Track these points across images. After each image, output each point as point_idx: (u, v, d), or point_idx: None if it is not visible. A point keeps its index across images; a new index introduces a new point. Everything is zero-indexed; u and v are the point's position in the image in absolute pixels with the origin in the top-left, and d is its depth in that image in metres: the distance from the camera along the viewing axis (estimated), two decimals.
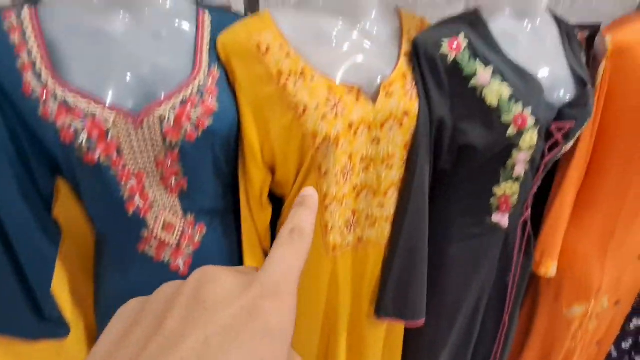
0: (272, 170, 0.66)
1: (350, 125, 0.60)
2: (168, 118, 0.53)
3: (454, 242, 0.76)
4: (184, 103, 0.54)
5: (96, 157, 0.51)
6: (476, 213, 0.74)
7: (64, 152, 0.51)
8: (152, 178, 0.57)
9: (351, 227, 0.69)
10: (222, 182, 0.65)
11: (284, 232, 0.20)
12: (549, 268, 0.85)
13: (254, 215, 0.68)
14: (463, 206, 0.74)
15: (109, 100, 0.51)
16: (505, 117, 0.62)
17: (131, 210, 0.57)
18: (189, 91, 0.54)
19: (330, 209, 0.64)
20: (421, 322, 0.74)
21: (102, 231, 0.61)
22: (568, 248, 0.89)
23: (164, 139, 0.54)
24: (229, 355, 0.15)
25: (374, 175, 0.66)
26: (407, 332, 0.83)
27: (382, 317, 0.72)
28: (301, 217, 0.21)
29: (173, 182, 0.58)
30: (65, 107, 0.48)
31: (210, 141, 0.57)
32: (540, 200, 0.86)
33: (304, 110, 0.57)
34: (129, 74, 0.53)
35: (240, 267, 0.21)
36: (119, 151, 0.52)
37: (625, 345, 1.10)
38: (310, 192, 0.22)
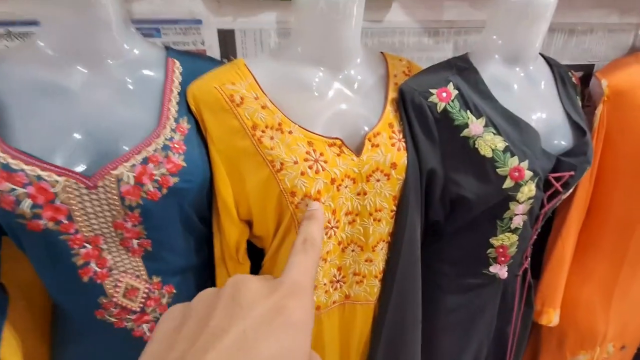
0: (250, 224, 0.59)
1: (332, 181, 0.53)
2: (126, 178, 0.46)
3: (449, 295, 0.69)
4: (145, 162, 0.47)
5: (42, 223, 0.44)
6: (472, 265, 0.67)
7: (6, 218, 0.44)
8: (111, 242, 0.50)
9: (337, 284, 0.62)
10: (194, 237, 0.58)
11: (298, 242, 0.24)
12: (551, 317, 0.78)
13: (229, 272, 0.61)
14: (458, 258, 0.67)
15: (59, 162, 0.45)
16: (502, 170, 0.56)
17: (86, 278, 0.49)
18: (152, 148, 0.48)
19: None
20: None
21: (56, 298, 0.53)
22: (570, 295, 0.81)
23: (122, 201, 0.47)
24: (263, 343, 0.18)
25: (361, 230, 0.59)
26: None
27: None
28: (311, 229, 0.25)
29: (135, 244, 0.51)
30: (6, 172, 0.42)
31: (177, 200, 0.50)
32: (539, 245, 0.79)
33: (281, 166, 0.51)
34: (84, 131, 0.47)
35: (265, 275, 0.23)
36: (70, 216, 0.46)
37: None
38: (316, 207, 0.27)
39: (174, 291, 0.58)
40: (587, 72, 0.78)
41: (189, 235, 0.57)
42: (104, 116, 0.48)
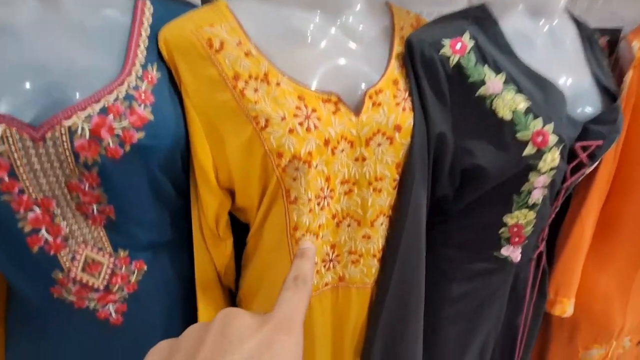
0: (232, 194, 0.52)
1: (326, 142, 0.46)
2: (81, 131, 0.39)
3: (455, 281, 0.61)
4: (104, 112, 0.39)
5: None
6: (483, 247, 0.59)
7: None
8: (65, 206, 0.43)
9: (330, 263, 0.54)
10: (168, 209, 0.51)
11: (289, 279, 0.24)
12: (565, 307, 0.71)
13: (209, 248, 0.53)
14: (467, 239, 0.60)
15: (2, 109, 0.37)
16: (522, 134, 0.48)
17: (35, 247, 0.42)
18: (113, 97, 0.40)
19: (302, 242, 0.50)
20: None
21: (6, 272, 0.46)
22: (586, 284, 0.74)
23: (76, 157, 0.40)
24: None
25: (358, 201, 0.51)
26: None
27: None
28: (303, 266, 0.25)
29: (95, 210, 0.44)
30: None
31: (143, 160, 0.43)
32: (554, 229, 0.72)
33: (267, 123, 0.43)
34: (34, 76, 0.39)
35: (255, 311, 0.23)
36: (12, 172, 0.38)
37: None
38: (308, 245, 0.26)
39: (145, 268, 0.51)
40: (613, 38, 0.70)
41: (160, 206, 0.49)
42: (58, 59, 0.41)
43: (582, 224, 0.67)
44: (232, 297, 0.63)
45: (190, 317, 0.56)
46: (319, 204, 0.49)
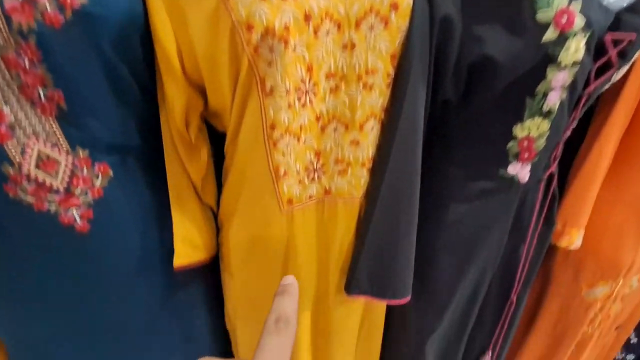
0: (202, 92, 0.46)
1: (307, 17, 0.38)
2: None
3: (453, 203, 0.56)
4: None
5: None
6: (487, 163, 0.53)
7: None
8: (6, 88, 0.37)
9: (314, 173, 0.49)
10: (131, 106, 0.45)
11: (269, 322, 0.21)
12: (573, 238, 0.65)
13: (182, 156, 0.48)
14: (470, 153, 0.53)
15: None
16: (543, 13, 0.40)
17: None
18: None
19: (281, 144, 0.44)
20: (404, 300, 0.55)
21: None
22: (597, 215, 0.68)
23: (8, 22, 0.34)
24: None
25: (346, 101, 0.45)
26: (387, 315, 0.64)
27: (354, 294, 0.54)
28: (284, 306, 0.22)
29: (42, 96, 0.38)
30: None
31: (89, 32, 0.36)
32: (566, 152, 0.65)
33: None
34: None
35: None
36: None
37: None
38: (290, 280, 0.23)
39: (111, 174, 0.46)
40: None
41: (120, 100, 0.43)
42: None
43: (600, 148, 0.60)
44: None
45: (164, 230, 0.52)
46: (299, 99, 0.42)
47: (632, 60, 0.48)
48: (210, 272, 0.61)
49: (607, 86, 0.52)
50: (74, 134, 0.42)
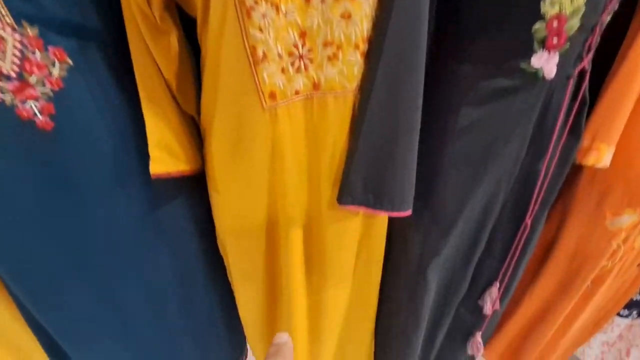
0: None
1: None
2: None
3: (465, 106, 0.48)
4: None
5: None
6: (507, 54, 0.45)
7: None
8: None
9: (300, 62, 0.42)
10: None
11: None
12: (601, 155, 0.57)
13: (148, 42, 0.42)
14: (485, 44, 0.45)
15: None
16: None
17: None
18: None
19: (255, 15, 0.37)
20: (404, 213, 0.49)
21: None
22: (630, 135, 0.59)
23: None
24: None
25: None
26: (387, 237, 0.59)
27: (347, 204, 0.48)
28: None
29: None
30: None
31: None
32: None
33: None
34: None
35: None
36: None
37: None
38: (284, 339, 0.21)
39: (70, 62, 0.41)
40: None
41: None
42: None
43: (638, 53, 0.50)
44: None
45: (139, 136, 0.47)
46: None
47: None
48: (200, 194, 0.57)
49: None
50: (17, 4, 0.36)
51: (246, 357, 0.84)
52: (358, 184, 0.46)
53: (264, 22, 0.37)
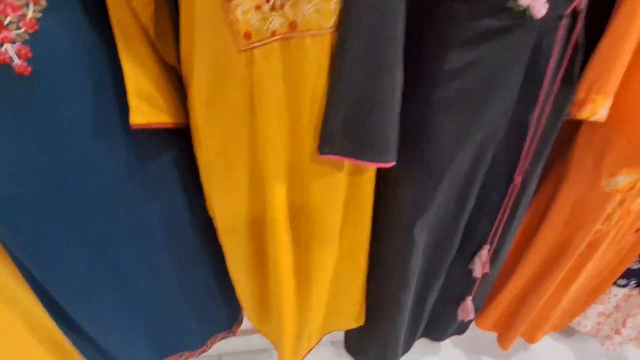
0: None
1: None
2: None
3: (453, 47, 0.45)
4: None
5: None
6: None
7: None
8: None
9: None
10: None
11: None
12: (597, 107, 0.54)
13: None
14: None
15: None
16: None
17: None
18: None
19: None
20: (388, 164, 0.48)
21: None
22: (627, 91, 0.56)
23: None
24: None
25: None
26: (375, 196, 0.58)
27: (328, 153, 0.47)
28: None
29: None
30: None
31: None
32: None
33: None
34: None
35: None
36: None
37: None
38: None
39: (44, 3, 0.40)
40: None
41: None
42: None
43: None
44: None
45: (117, 77, 0.46)
46: None
47: None
48: (187, 147, 0.56)
49: None
50: None
51: (241, 322, 0.85)
52: (338, 132, 0.45)
53: None
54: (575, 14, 0.45)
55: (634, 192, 0.66)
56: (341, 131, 0.45)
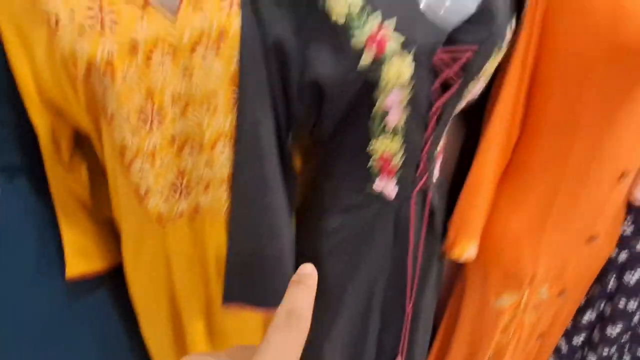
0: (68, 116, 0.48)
1: (133, 47, 0.40)
2: None
3: (332, 213, 0.56)
4: None
5: None
6: (355, 179, 0.54)
7: None
8: None
9: (181, 192, 0.51)
10: (9, 124, 0.48)
11: (280, 315, 0.18)
12: (464, 249, 0.65)
13: (61, 175, 0.51)
14: (340, 169, 0.54)
15: None
16: (356, 39, 0.41)
17: None
18: None
19: (134, 167, 0.46)
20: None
21: None
22: (497, 227, 0.67)
23: None
24: None
25: (194, 122, 0.47)
26: None
27: (230, 303, 0.55)
28: (298, 297, 0.19)
29: None
30: None
31: None
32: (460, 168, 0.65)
33: (57, 23, 0.38)
34: None
35: (233, 350, 0.20)
36: None
37: (577, 340, 0.88)
38: (308, 270, 0.19)
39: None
40: None
41: None
42: None
43: (481, 160, 0.60)
44: None
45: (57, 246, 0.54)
46: (145, 124, 0.44)
47: (482, 72, 0.48)
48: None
49: (467, 99, 0.52)
50: None
51: None
52: (236, 288, 0.53)
53: (140, 172, 0.46)
54: (424, 191, 0.57)
55: (521, 309, 0.74)
56: (238, 286, 0.53)
